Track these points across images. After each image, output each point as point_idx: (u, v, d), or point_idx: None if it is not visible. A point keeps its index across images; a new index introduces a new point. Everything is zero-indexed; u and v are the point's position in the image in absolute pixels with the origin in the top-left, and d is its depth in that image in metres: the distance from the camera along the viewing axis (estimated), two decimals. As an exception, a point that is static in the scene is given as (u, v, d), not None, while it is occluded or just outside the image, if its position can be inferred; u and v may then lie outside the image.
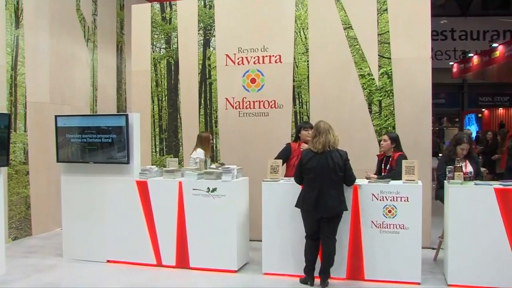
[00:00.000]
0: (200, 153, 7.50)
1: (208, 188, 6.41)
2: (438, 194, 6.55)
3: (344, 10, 7.81)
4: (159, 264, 6.66)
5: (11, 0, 8.32)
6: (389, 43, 7.62)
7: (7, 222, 7.94)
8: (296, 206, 5.84)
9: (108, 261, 6.90)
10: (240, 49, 8.26)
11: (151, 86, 8.85)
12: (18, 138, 8.40)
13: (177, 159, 7.29)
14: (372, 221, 5.94)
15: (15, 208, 8.35)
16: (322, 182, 5.60)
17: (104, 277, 6.36)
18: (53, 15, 9.32)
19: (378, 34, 7.67)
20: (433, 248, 7.07)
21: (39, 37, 9.00)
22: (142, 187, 6.69)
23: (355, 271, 6.01)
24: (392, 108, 7.63)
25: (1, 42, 8.09)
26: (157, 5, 8.97)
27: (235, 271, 6.39)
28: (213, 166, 6.94)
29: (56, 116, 7.10)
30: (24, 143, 8.60)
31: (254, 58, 8.19)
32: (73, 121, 7.02)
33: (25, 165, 8.61)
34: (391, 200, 5.87)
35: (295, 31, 8.06)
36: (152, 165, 7.85)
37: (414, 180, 5.95)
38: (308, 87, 7.99)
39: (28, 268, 6.71)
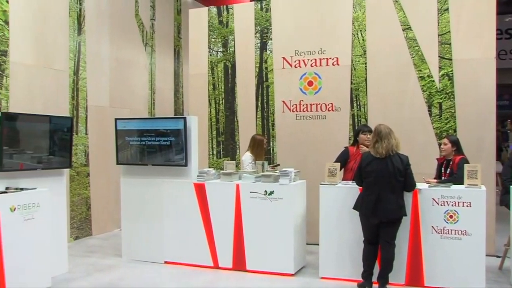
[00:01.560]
0: (247, 156, 7.49)
1: (266, 191, 6.40)
2: (504, 200, 6.32)
3: (403, 11, 7.66)
4: (216, 266, 6.69)
5: (74, 7, 8.57)
6: (450, 44, 7.41)
7: (69, 222, 8.16)
8: (354, 208, 5.75)
9: (166, 262, 6.98)
10: (297, 51, 8.22)
11: (209, 89, 8.93)
12: (79, 141, 8.63)
13: (234, 162, 7.30)
14: (432, 227, 5.77)
15: (76, 208, 8.58)
16: (381, 186, 5.47)
17: (163, 278, 6.44)
18: (113, 21, 9.55)
19: (438, 35, 7.48)
20: (498, 256, 6.81)
21: (100, 43, 9.24)
22: (200, 190, 6.74)
23: (415, 277, 5.85)
24: (453, 111, 7.41)
25: (64, 48, 8.36)
26: (214, 9, 9.05)
27: (292, 275, 6.34)
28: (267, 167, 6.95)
29: (116, 119, 7.24)
30: (85, 146, 8.82)
31: (311, 60, 8.14)
32: (133, 124, 7.15)
33: (86, 167, 8.84)
34: (452, 205, 5.69)
35: (352, 33, 7.96)
36: (209, 167, 7.89)
37: (477, 185, 5.75)
38: (366, 90, 7.88)
39: (89, 267, 6.87)
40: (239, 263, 6.57)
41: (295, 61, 8.25)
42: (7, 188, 5.77)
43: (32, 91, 7.67)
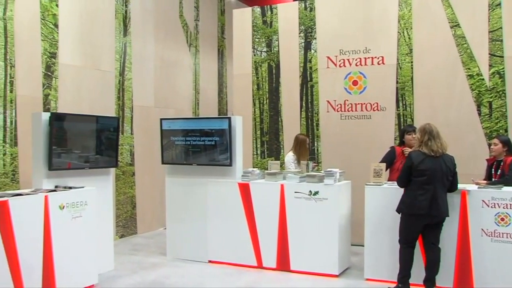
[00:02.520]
0: (289, 156, 7.45)
1: (310, 191, 6.36)
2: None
3: (451, 7, 7.48)
4: (260, 266, 6.69)
5: (120, 9, 8.71)
6: (501, 41, 7.19)
7: (115, 220, 8.29)
8: (399, 211, 5.61)
9: (210, 261, 7.02)
10: (341, 51, 8.15)
11: (253, 89, 8.95)
12: (125, 140, 8.77)
13: (278, 161, 7.28)
14: (482, 229, 5.60)
15: (122, 207, 8.72)
16: (435, 185, 5.35)
17: (207, 277, 6.46)
18: (157, 22, 9.67)
19: (489, 31, 7.27)
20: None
21: (145, 44, 9.37)
22: (244, 189, 6.75)
23: (464, 280, 5.69)
24: (504, 110, 7.19)
25: (111, 50, 8.51)
26: (258, 9, 9.05)
27: (337, 276, 6.28)
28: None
29: (161, 119, 7.32)
30: (131, 145, 8.96)
31: (356, 60, 8.05)
32: (178, 124, 7.21)
33: (131, 166, 8.97)
34: (504, 208, 5.51)
35: (398, 32, 7.83)
36: (254, 167, 7.90)
37: (530, 187, 5.57)
38: (412, 89, 7.74)
39: (134, 265, 6.97)
40: (283, 263, 6.55)
41: (339, 61, 8.18)
42: (56, 187, 5.91)
43: (80, 92, 7.84)
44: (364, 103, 7.99)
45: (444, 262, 5.53)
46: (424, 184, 5.39)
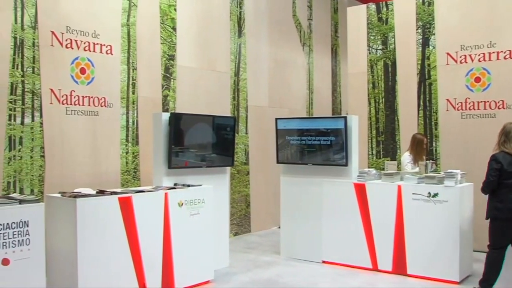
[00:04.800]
0: (405, 156, 7.23)
1: (429, 193, 6.13)
2: None
3: None
4: (375, 268, 6.55)
5: (235, 11, 8.90)
6: None
7: (229, 218, 8.48)
8: (494, 217, 5.34)
9: (323, 261, 6.98)
10: (462, 46, 7.77)
11: (368, 88, 8.79)
12: (240, 140, 8.94)
13: (395, 162, 7.09)
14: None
15: (237, 205, 8.90)
16: None
17: (320, 277, 6.42)
18: (271, 23, 9.77)
19: None
20: None
21: (259, 44, 9.51)
22: (360, 190, 6.65)
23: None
24: None
25: (226, 51, 8.72)
26: (373, 6, 8.88)
27: (458, 283, 6.01)
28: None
29: (276, 119, 7.39)
30: (246, 145, 9.12)
31: (479, 55, 7.64)
32: (293, 123, 7.25)
33: (246, 165, 9.13)
34: None
35: (528, 23, 7.35)
36: (369, 168, 7.75)
37: None
38: (544, 85, 7.23)
39: (249, 262, 7.08)
40: (399, 267, 6.37)
41: (460, 57, 7.81)
42: (175, 184, 6.14)
43: (196, 93, 8.11)
44: (488, 101, 7.57)
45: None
46: None
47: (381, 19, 8.74)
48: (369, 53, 8.82)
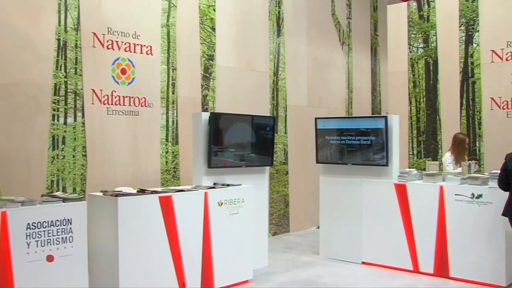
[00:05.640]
0: (446, 156, 7.10)
1: (473, 194, 5.98)
2: None
3: None
4: (416, 270, 6.44)
5: (274, 11, 8.89)
6: None
7: (268, 218, 8.46)
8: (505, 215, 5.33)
9: (363, 262, 6.91)
10: (509, 43, 7.59)
11: (409, 87, 8.67)
12: (279, 140, 8.91)
13: (437, 162, 6.96)
14: None
15: (275, 205, 8.87)
16: None
17: (360, 278, 6.35)
18: (310, 22, 9.71)
19: None
20: None
21: (298, 44, 9.46)
22: (401, 190, 6.54)
23: None
24: None
25: (265, 50, 8.72)
26: (413, 3, 8.75)
27: None
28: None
29: (316, 118, 7.35)
30: (284, 144, 9.09)
31: (526, 52, 7.46)
32: (332, 123, 7.20)
33: (284, 165, 9.10)
34: None
35: None
36: (409, 168, 7.63)
37: None
38: None
39: (287, 262, 7.05)
40: (441, 269, 6.24)
41: (506, 54, 7.62)
42: (214, 184, 6.15)
43: (235, 92, 8.14)
44: (535, 100, 7.38)
45: None
46: None
47: (422, 17, 8.60)
48: (410, 52, 8.69)
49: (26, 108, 5.73)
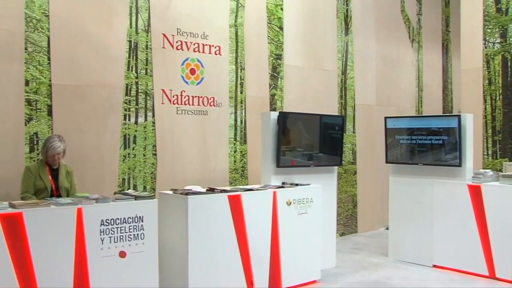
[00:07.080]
0: None
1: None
2: None
3: None
4: (492, 276, 6.19)
5: (342, 9, 8.78)
6: None
7: (336, 218, 8.39)
8: None
9: (434, 266, 6.72)
10: None
11: (483, 85, 8.34)
12: (347, 139, 8.80)
13: (515, 163, 6.70)
14: None
15: (343, 205, 8.77)
16: None
17: (430, 282, 6.18)
18: (378, 19, 9.53)
19: None
20: None
21: (366, 42, 9.31)
22: (475, 192, 6.31)
23: None
24: None
25: (333, 49, 8.63)
26: (490, -4, 8.40)
27: None
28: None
29: (385, 118, 7.22)
30: (353, 144, 8.97)
31: None
32: (403, 122, 7.06)
33: (353, 165, 8.98)
34: None
35: None
36: (484, 169, 7.35)
37: None
38: None
39: (356, 263, 6.96)
40: (521, 276, 5.98)
41: None
42: (283, 183, 6.14)
43: (303, 91, 8.09)
44: None
45: None
46: None
47: (500, 10, 8.25)
48: (485, 47, 8.35)
49: (100, 108, 5.91)
